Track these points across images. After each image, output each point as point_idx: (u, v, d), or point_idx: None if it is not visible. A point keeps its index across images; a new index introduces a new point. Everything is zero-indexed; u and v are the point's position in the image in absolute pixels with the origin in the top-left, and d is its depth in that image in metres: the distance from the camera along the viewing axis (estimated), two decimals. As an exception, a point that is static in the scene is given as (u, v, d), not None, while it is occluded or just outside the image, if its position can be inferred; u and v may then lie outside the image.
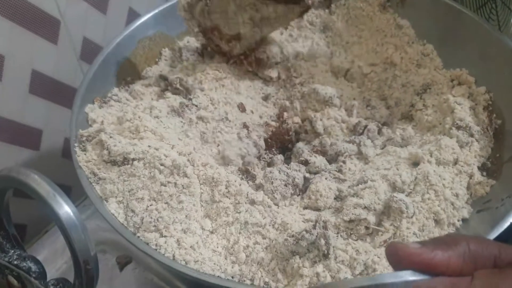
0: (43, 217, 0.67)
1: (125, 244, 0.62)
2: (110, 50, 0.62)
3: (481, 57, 0.60)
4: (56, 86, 0.68)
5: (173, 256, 0.45)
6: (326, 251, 0.43)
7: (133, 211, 0.48)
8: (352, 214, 0.46)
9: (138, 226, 0.47)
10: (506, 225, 0.43)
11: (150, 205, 0.48)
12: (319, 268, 0.43)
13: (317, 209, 0.51)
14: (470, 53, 0.62)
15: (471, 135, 0.54)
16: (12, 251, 0.44)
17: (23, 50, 0.61)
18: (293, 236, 0.44)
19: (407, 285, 0.25)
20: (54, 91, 0.68)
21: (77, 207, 0.67)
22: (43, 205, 0.38)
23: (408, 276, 0.25)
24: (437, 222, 0.47)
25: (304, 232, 0.44)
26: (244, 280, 0.44)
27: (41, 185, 0.38)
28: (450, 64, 0.64)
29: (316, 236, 0.43)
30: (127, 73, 0.65)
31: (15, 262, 0.43)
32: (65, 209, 0.38)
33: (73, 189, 0.73)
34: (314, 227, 0.44)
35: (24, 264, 0.43)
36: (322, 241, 0.43)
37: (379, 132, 0.60)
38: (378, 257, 0.43)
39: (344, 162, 0.55)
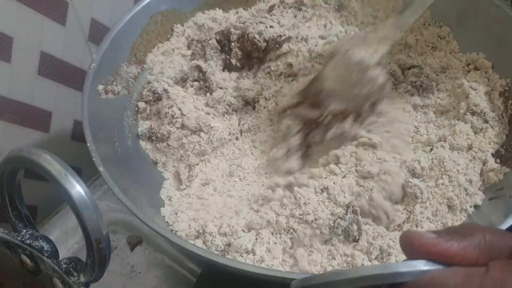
0: (54, 199, 0.67)
1: (136, 225, 0.62)
2: (122, 25, 0.61)
3: (499, 41, 0.59)
4: (65, 67, 0.67)
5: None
6: (357, 236, 0.43)
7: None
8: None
9: None
10: (518, 215, 0.43)
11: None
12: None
13: None
14: (487, 37, 0.60)
15: (486, 121, 0.53)
16: (25, 230, 0.44)
17: (31, 31, 0.60)
18: (327, 225, 0.44)
19: (422, 275, 0.25)
20: (63, 72, 0.67)
21: (88, 188, 0.68)
22: (55, 185, 0.38)
23: (423, 265, 0.25)
24: (450, 207, 0.47)
25: (339, 220, 0.44)
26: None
27: (52, 164, 0.38)
28: (467, 48, 0.63)
29: (349, 221, 0.44)
30: (138, 49, 0.65)
31: (28, 241, 0.43)
32: (77, 188, 0.37)
33: (83, 170, 0.73)
34: (346, 212, 0.44)
35: (37, 243, 0.43)
36: (355, 227, 0.43)
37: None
38: (393, 241, 0.43)
39: None
